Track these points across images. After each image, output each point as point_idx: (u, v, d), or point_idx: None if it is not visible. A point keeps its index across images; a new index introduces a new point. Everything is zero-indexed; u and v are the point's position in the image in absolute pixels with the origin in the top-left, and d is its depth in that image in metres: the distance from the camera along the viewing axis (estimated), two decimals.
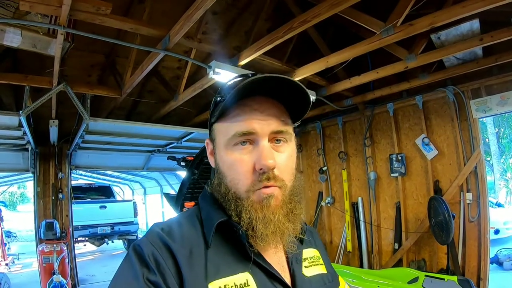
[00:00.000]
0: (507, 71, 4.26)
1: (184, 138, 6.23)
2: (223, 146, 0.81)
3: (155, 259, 0.70)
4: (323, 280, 0.93)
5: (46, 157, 6.14)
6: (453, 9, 3.01)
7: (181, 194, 4.37)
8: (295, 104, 0.84)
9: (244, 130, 0.77)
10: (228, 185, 0.80)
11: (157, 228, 0.78)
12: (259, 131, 0.77)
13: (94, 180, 13.81)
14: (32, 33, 2.94)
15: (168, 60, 5.04)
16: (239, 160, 0.78)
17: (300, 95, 0.81)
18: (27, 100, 4.08)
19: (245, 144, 0.78)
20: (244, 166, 0.78)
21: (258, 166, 0.76)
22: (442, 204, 4.14)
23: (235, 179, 0.79)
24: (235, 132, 0.78)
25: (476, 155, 4.49)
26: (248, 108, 0.78)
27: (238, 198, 0.78)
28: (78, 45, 3.64)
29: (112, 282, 0.71)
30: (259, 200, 0.77)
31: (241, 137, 0.78)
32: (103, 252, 11.20)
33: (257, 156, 0.77)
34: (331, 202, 6.21)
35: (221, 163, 0.83)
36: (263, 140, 0.78)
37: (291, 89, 0.79)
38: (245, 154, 0.78)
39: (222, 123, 0.82)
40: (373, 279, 3.88)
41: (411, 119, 5.25)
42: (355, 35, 4.38)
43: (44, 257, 5.15)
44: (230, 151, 0.80)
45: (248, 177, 0.78)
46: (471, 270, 4.44)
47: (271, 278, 0.78)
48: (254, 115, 0.78)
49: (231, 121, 0.79)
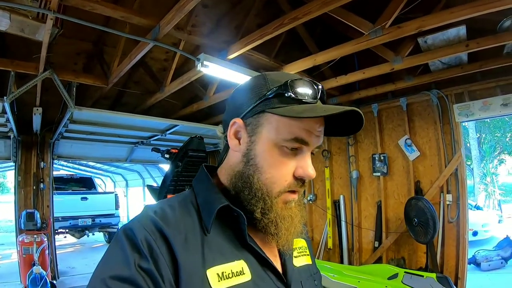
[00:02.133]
0: (490, 77, 4.38)
1: (168, 130, 6.17)
2: (272, 141, 0.78)
3: (148, 245, 0.66)
4: (310, 271, 0.96)
5: (28, 146, 6.03)
6: (441, 14, 3.07)
7: (165, 187, 4.36)
8: (336, 125, 0.84)
9: (304, 139, 0.77)
10: (263, 181, 0.78)
11: (150, 211, 0.74)
12: (311, 144, 0.79)
13: (75, 171, 13.59)
14: (21, 17, 2.87)
15: (156, 51, 5.00)
16: (284, 162, 0.78)
17: (355, 126, 0.82)
18: (12, 86, 3.99)
19: (293, 150, 0.78)
20: (286, 169, 0.78)
21: (302, 175, 0.78)
22: (427, 204, 4.25)
23: (274, 177, 0.78)
24: (295, 136, 0.76)
25: (457, 158, 4.60)
26: (313, 120, 0.77)
27: (268, 196, 0.78)
28: (66, 32, 3.58)
29: (99, 266, 0.67)
30: (285, 201, 0.79)
31: (297, 143, 0.77)
32: (83, 245, 11.02)
33: (302, 164, 0.78)
34: (313, 199, 6.28)
35: (261, 157, 0.79)
36: (309, 152, 0.80)
37: (350, 118, 0.80)
38: (290, 158, 0.78)
39: (281, 118, 0.77)
40: (354, 274, 3.93)
41: (395, 120, 5.35)
42: (343, 35, 4.41)
43: (24, 248, 5.05)
44: (278, 150, 0.78)
45: (286, 179, 0.78)
46: (449, 270, 4.56)
47: (264, 267, 0.79)
48: (314, 129, 0.78)
49: (292, 123, 0.76)
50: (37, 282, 4.47)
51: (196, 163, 4.33)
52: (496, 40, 3.41)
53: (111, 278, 0.63)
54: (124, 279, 0.62)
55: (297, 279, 0.86)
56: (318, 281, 0.98)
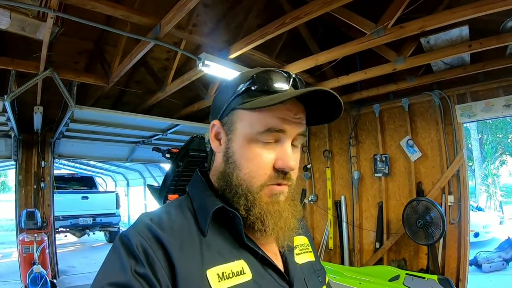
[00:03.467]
0: (493, 78, 4.36)
1: (169, 130, 6.20)
2: (245, 137, 0.78)
3: (144, 251, 0.67)
4: (313, 268, 0.95)
5: (29, 145, 6.04)
6: (444, 14, 3.06)
7: (165, 186, 4.34)
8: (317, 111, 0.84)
9: (278, 127, 0.76)
10: (242, 177, 0.78)
11: (146, 218, 0.75)
12: (288, 132, 0.77)
13: (76, 170, 13.60)
14: (22, 15, 2.86)
15: (157, 50, 5.00)
16: (261, 155, 0.77)
17: (334, 109, 0.81)
18: (13, 85, 3.99)
19: (270, 141, 0.77)
20: (264, 162, 0.77)
21: (281, 166, 0.76)
22: (434, 204, 4.27)
23: (252, 172, 0.77)
24: (268, 127, 0.75)
25: (459, 159, 4.58)
26: (283, 107, 0.76)
27: (249, 191, 0.77)
28: (66, 31, 3.58)
29: (98, 274, 0.68)
30: (270, 194, 0.78)
31: (272, 134, 0.76)
32: (84, 244, 11.04)
33: (281, 155, 0.77)
34: (314, 200, 6.25)
35: (238, 154, 0.80)
36: (288, 141, 0.78)
37: (326, 100, 0.78)
38: (267, 150, 0.77)
39: (250, 112, 0.77)
40: (355, 276, 3.92)
41: (397, 121, 5.33)
42: (345, 34, 4.39)
43: (25, 247, 5.04)
44: (254, 144, 0.77)
45: (266, 172, 0.77)
46: (451, 271, 4.53)
47: (265, 266, 0.78)
48: (288, 115, 0.76)
49: (263, 114, 0.76)
50: (37, 281, 4.47)
51: (197, 163, 4.31)
52: (499, 40, 3.39)
53: (109, 285, 0.63)
54: (121, 285, 0.63)
55: (300, 276, 0.85)
56: (323, 277, 0.97)
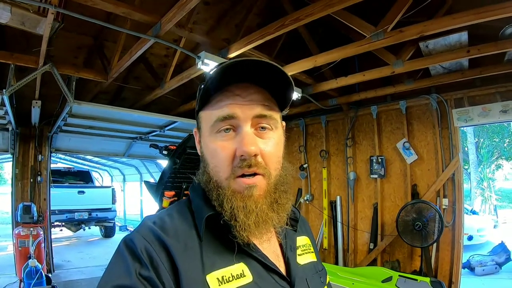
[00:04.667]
0: (490, 83, 4.39)
1: (167, 126, 6.18)
2: (207, 133, 0.80)
3: (148, 254, 0.67)
4: (315, 268, 0.94)
5: (26, 139, 6.01)
6: (444, 20, 3.08)
7: (162, 183, 4.36)
8: (279, 90, 0.82)
9: (225, 114, 0.75)
10: (210, 173, 0.79)
11: (149, 221, 0.75)
12: (240, 116, 0.76)
13: (73, 165, 13.54)
14: (22, 10, 2.85)
15: (157, 47, 4.99)
16: (220, 146, 0.76)
17: (282, 79, 0.79)
18: (12, 78, 3.98)
19: (228, 131, 0.76)
20: (225, 153, 0.76)
21: (239, 153, 0.74)
22: (433, 208, 4.31)
23: (216, 166, 0.77)
24: (216, 117, 0.76)
25: (455, 163, 4.61)
26: (230, 93, 0.77)
27: (219, 186, 0.77)
28: (66, 26, 3.56)
29: (103, 277, 0.68)
30: (240, 189, 0.75)
31: (222, 122, 0.76)
32: (79, 238, 11.02)
33: (238, 142, 0.75)
34: (310, 199, 6.29)
35: (205, 151, 0.81)
36: (246, 126, 0.76)
37: (273, 74, 0.77)
38: (226, 140, 0.76)
39: (206, 110, 0.81)
40: (348, 276, 3.95)
41: (394, 123, 5.35)
42: (344, 36, 4.42)
43: (20, 241, 5.03)
44: (213, 138, 0.78)
45: (228, 164, 0.76)
46: (444, 274, 4.57)
47: (266, 268, 0.78)
48: (236, 100, 0.76)
49: (213, 107, 0.78)
50: (32, 275, 4.46)
51: (194, 160, 4.33)
52: (497, 47, 3.42)
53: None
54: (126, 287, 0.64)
55: (301, 277, 0.84)
56: (324, 278, 0.97)
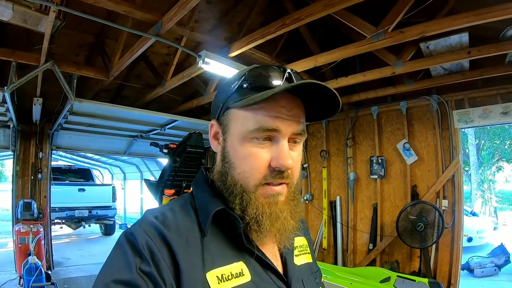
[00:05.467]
0: (491, 85, 4.39)
1: (168, 125, 6.20)
2: (239, 136, 0.77)
3: (149, 249, 0.67)
4: (311, 269, 0.96)
5: (27, 136, 6.04)
6: (444, 21, 3.08)
7: (162, 181, 4.38)
8: (316, 107, 0.82)
9: (270, 126, 0.73)
10: (236, 177, 0.77)
11: (151, 216, 0.74)
12: (283, 130, 0.74)
13: (73, 162, 13.56)
14: (24, 8, 2.86)
15: (157, 45, 4.97)
16: (255, 154, 0.75)
17: (332, 104, 0.79)
18: (13, 76, 3.99)
19: (265, 140, 0.75)
20: (259, 161, 0.75)
21: (277, 165, 0.74)
22: (433, 208, 4.34)
23: (246, 172, 0.76)
24: (259, 126, 0.74)
25: (455, 164, 4.61)
26: (276, 103, 0.74)
27: (245, 191, 0.76)
28: (67, 24, 3.56)
29: (102, 270, 0.68)
30: (266, 195, 0.76)
31: (264, 132, 0.74)
32: (79, 236, 11.04)
33: (276, 154, 0.74)
34: (310, 199, 6.29)
35: (233, 153, 0.79)
36: (284, 140, 0.75)
37: (323, 95, 0.77)
38: (262, 149, 0.75)
39: (243, 111, 0.76)
40: (347, 276, 3.95)
41: (394, 124, 5.36)
42: (345, 36, 4.41)
43: (20, 238, 5.04)
44: (248, 143, 0.76)
45: (261, 172, 0.75)
46: (442, 275, 4.57)
47: (264, 267, 0.79)
48: (281, 112, 0.74)
49: (255, 112, 0.74)
50: (32, 272, 4.47)
51: (194, 159, 4.35)
52: (498, 48, 3.42)
53: (113, 282, 0.63)
54: (126, 282, 0.63)
55: (298, 278, 0.85)
56: (319, 279, 0.98)
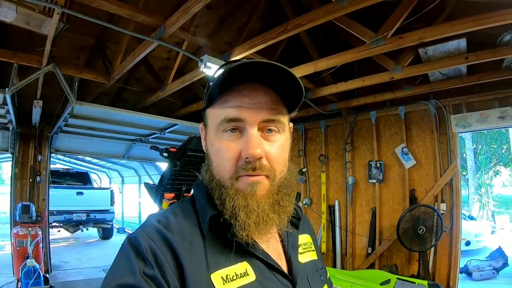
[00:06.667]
0: (488, 90, 4.44)
1: (167, 129, 6.20)
2: (213, 132, 0.79)
3: (153, 253, 0.67)
4: (316, 267, 0.96)
5: (26, 138, 6.03)
6: (443, 27, 3.12)
7: (162, 185, 4.38)
8: (289, 93, 0.80)
9: (232, 116, 0.75)
10: (213, 171, 0.79)
11: (154, 220, 0.75)
12: (247, 119, 0.74)
13: (71, 166, 13.54)
14: (28, 9, 2.88)
15: (158, 50, 4.99)
16: (225, 146, 0.76)
17: (292, 83, 0.77)
18: (14, 78, 4.00)
19: (234, 131, 0.76)
20: (229, 153, 0.75)
21: (244, 155, 0.73)
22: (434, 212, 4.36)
23: (219, 165, 0.77)
24: (223, 117, 0.75)
25: (453, 168, 4.64)
26: (238, 94, 0.75)
27: (222, 186, 0.76)
28: (69, 26, 3.57)
29: (107, 276, 0.68)
30: (244, 187, 0.75)
31: (229, 123, 0.75)
32: (77, 239, 10.99)
33: (244, 144, 0.74)
34: (309, 204, 6.31)
35: (210, 149, 0.81)
36: (252, 129, 0.75)
37: (283, 76, 0.75)
38: (232, 141, 0.76)
39: (213, 108, 0.79)
40: (347, 278, 3.97)
41: (392, 128, 5.40)
42: (344, 42, 4.45)
43: (18, 240, 5.03)
44: (219, 137, 0.77)
45: (232, 164, 0.75)
46: (441, 278, 4.60)
47: (268, 266, 0.78)
48: (243, 101, 0.75)
49: (220, 106, 0.77)
50: (30, 275, 4.47)
51: (194, 163, 4.35)
52: (495, 54, 3.46)
53: (118, 287, 0.64)
54: (130, 287, 0.63)
55: (303, 276, 0.85)
56: (324, 276, 0.98)
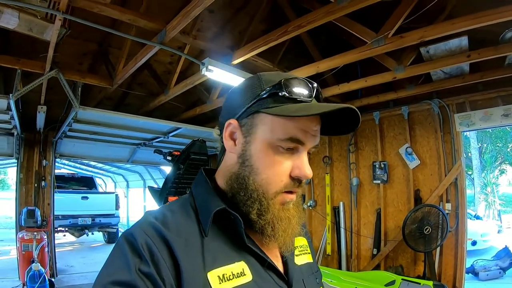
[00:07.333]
0: (491, 88, 4.41)
1: (171, 133, 6.21)
2: (265, 142, 0.77)
3: (149, 249, 0.66)
4: (311, 269, 0.96)
5: (31, 144, 6.07)
6: (444, 25, 3.11)
7: (166, 188, 4.40)
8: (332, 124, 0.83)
9: (299, 139, 0.76)
10: (259, 182, 0.78)
11: (150, 216, 0.74)
12: (307, 144, 0.78)
13: (76, 170, 13.58)
14: (30, 16, 2.91)
15: (161, 54, 5.03)
16: (279, 162, 0.77)
17: (350, 125, 0.82)
18: (18, 84, 4.03)
19: (288, 150, 0.77)
20: (282, 169, 0.77)
21: (298, 175, 0.77)
22: (439, 211, 4.35)
23: (269, 178, 0.77)
24: (289, 136, 0.75)
25: (457, 167, 4.62)
26: (307, 119, 0.76)
27: (264, 197, 0.77)
28: (71, 32, 3.58)
29: (101, 271, 0.67)
30: (282, 202, 0.79)
31: (292, 143, 0.76)
32: (82, 244, 11.04)
33: (298, 164, 0.77)
34: (313, 205, 6.29)
35: (256, 158, 0.79)
36: (305, 151, 0.79)
37: (346, 117, 0.79)
38: (286, 158, 0.77)
39: (274, 118, 0.76)
40: (352, 280, 3.96)
41: (396, 129, 5.38)
42: (346, 43, 4.45)
43: (24, 245, 5.06)
44: (273, 151, 0.77)
45: (282, 180, 0.77)
46: (447, 278, 4.56)
47: (265, 267, 0.79)
48: (309, 128, 0.77)
49: (286, 122, 0.76)
50: (35, 279, 4.50)
51: (198, 166, 4.37)
52: (497, 51, 3.44)
53: (112, 284, 0.63)
54: (125, 283, 0.63)
55: (298, 278, 0.86)
56: (319, 279, 0.98)
